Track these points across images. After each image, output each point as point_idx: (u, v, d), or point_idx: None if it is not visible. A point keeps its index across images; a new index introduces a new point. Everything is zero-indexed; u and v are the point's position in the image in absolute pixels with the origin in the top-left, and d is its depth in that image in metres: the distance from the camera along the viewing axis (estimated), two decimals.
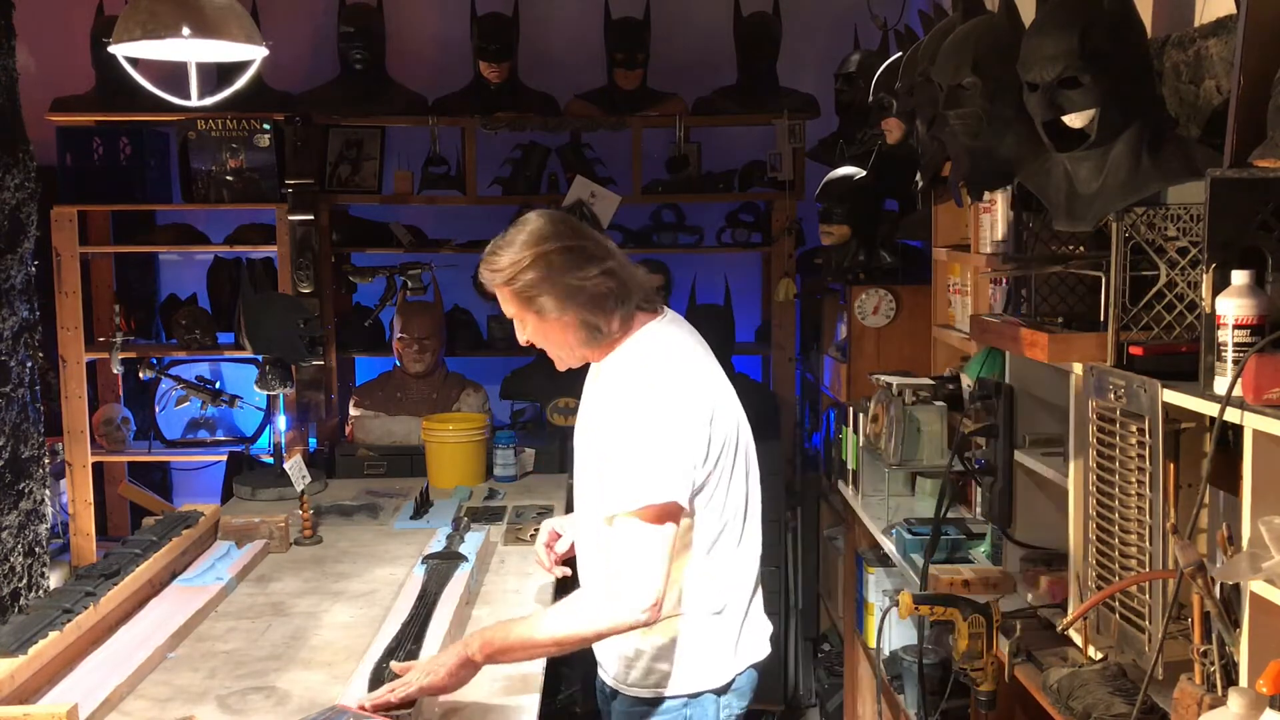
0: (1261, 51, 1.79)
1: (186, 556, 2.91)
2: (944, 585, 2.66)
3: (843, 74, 4.53)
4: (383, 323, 4.65)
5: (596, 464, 2.14)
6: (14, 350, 3.36)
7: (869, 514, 3.54)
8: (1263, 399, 1.62)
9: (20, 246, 3.41)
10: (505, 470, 3.96)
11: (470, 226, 4.77)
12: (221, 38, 2.83)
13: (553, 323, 2.11)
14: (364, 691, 2.09)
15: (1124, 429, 2.01)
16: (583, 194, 4.51)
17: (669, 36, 4.85)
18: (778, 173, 4.54)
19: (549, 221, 2.11)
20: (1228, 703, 1.51)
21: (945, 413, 3.24)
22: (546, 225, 2.10)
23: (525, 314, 2.11)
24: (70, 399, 4.42)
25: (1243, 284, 1.69)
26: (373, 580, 2.93)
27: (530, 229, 2.09)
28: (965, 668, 2.23)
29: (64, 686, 2.15)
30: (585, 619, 2.04)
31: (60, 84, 4.58)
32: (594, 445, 2.16)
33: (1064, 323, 2.33)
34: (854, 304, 3.94)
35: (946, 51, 2.43)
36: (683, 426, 2.03)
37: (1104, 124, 2.01)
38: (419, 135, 4.70)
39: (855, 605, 3.96)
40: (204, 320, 4.60)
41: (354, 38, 4.64)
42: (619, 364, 2.14)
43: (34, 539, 3.46)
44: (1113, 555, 2.07)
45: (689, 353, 2.18)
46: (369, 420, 4.37)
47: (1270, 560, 1.58)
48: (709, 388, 2.14)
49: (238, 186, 4.49)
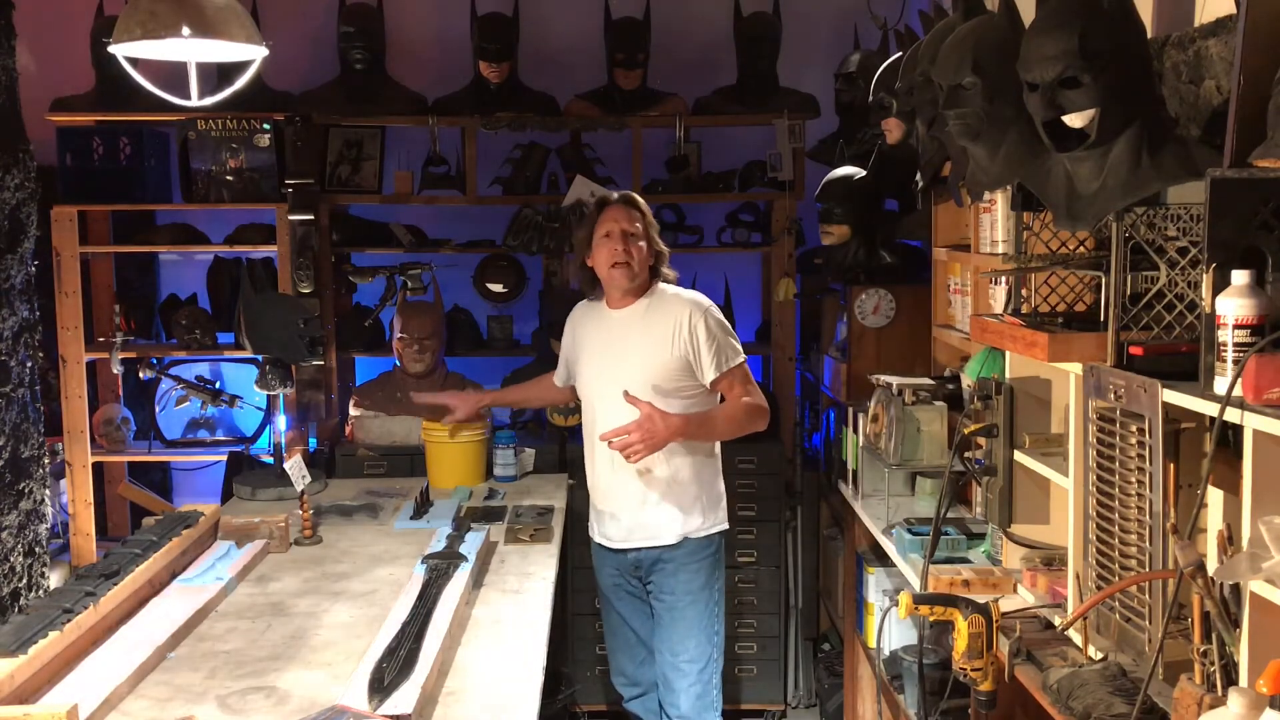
0: (1261, 51, 1.79)
1: (186, 556, 2.91)
2: (944, 585, 2.67)
3: (843, 74, 4.54)
4: (383, 323, 4.65)
5: (670, 348, 3.20)
6: (14, 350, 3.36)
7: (869, 514, 3.54)
8: (1263, 399, 1.62)
9: (20, 246, 3.41)
10: (505, 470, 3.96)
11: (470, 226, 4.77)
12: (221, 38, 2.84)
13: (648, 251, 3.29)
14: (364, 691, 2.09)
15: (1124, 429, 2.01)
16: (583, 194, 4.50)
17: (669, 36, 4.86)
18: (778, 173, 4.53)
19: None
20: (1228, 703, 1.51)
21: (945, 413, 3.25)
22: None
23: (646, 235, 3.27)
24: (70, 399, 4.42)
25: (1243, 284, 1.69)
26: (373, 580, 2.93)
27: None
28: (965, 668, 2.22)
29: (64, 686, 2.15)
30: (757, 415, 3.27)
31: (60, 84, 4.58)
32: (663, 338, 3.22)
33: (1064, 323, 2.33)
34: (854, 304, 3.95)
35: (946, 51, 2.43)
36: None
37: (1104, 124, 2.01)
38: (419, 135, 4.70)
39: (855, 605, 3.96)
40: (204, 320, 4.60)
41: (354, 38, 4.64)
42: (679, 295, 3.31)
43: (34, 539, 3.46)
44: (1113, 555, 2.07)
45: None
46: (369, 420, 4.37)
47: (1270, 560, 1.58)
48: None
49: (238, 186, 4.49)
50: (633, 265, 3.22)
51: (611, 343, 3.30)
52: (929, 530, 2.77)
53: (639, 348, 3.25)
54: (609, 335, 3.32)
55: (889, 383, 3.37)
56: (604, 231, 3.23)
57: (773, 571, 4.46)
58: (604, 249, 3.23)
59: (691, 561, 3.29)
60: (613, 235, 3.22)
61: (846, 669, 4.17)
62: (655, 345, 3.23)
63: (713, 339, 3.22)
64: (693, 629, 3.31)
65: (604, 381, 3.28)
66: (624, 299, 3.30)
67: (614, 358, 3.27)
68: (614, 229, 3.22)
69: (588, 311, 3.44)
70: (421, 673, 2.18)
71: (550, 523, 3.37)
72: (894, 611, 2.37)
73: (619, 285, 3.26)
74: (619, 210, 3.26)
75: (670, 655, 3.32)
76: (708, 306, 3.29)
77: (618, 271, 3.22)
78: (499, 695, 2.23)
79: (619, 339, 3.29)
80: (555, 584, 2.96)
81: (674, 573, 3.29)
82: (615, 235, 3.21)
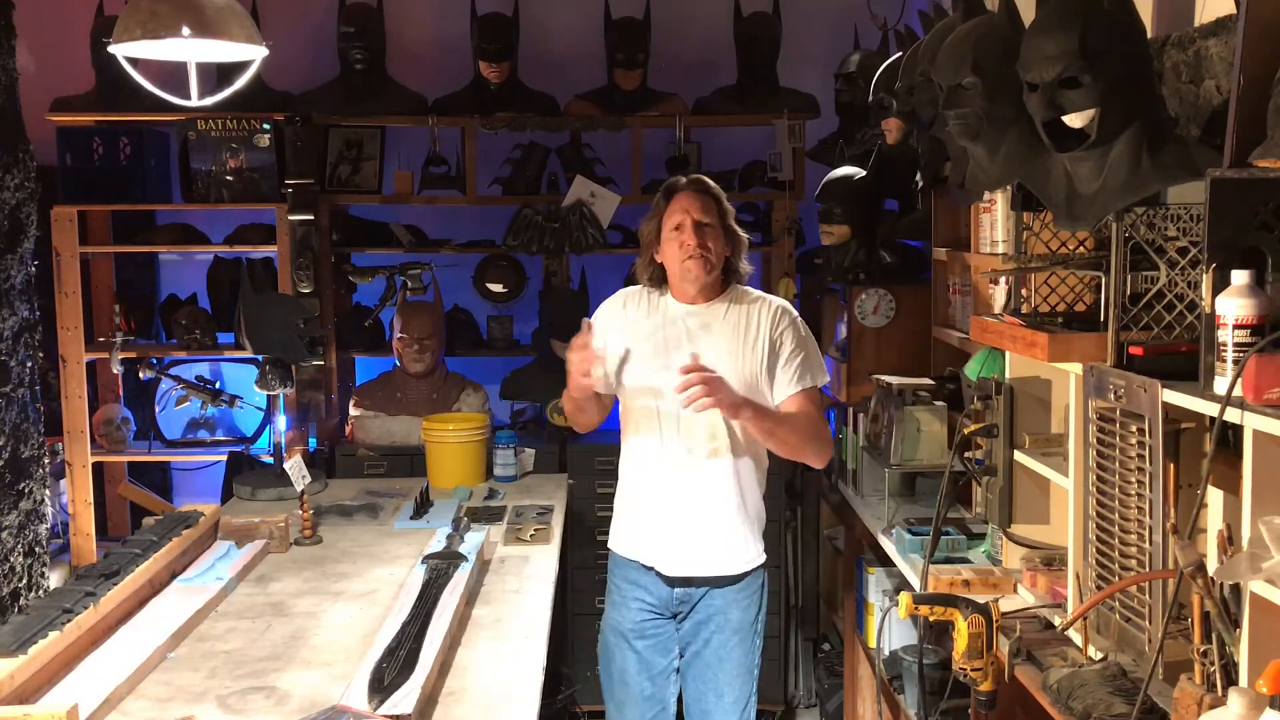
0: (1261, 51, 1.79)
1: (186, 556, 2.91)
2: (944, 585, 2.67)
3: (843, 74, 4.54)
4: (383, 323, 4.65)
5: (751, 352, 2.88)
6: (14, 350, 3.36)
7: (869, 514, 3.54)
8: (1263, 399, 1.62)
9: (20, 246, 3.41)
10: (505, 470, 3.96)
11: (470, 226, 4.77)
12: (221, 38, 2.83)
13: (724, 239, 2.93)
14: (364, 691, 2.09)
15: (1124, 429, 2.01)
16: (583, 194, 4.51)
17: (669, 36, 4.86)
18: (778, 173, 4.53)
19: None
20: (1228, 703, 1.51)
21: (945, 413, 3.24)
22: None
23: (721, 223, 2.92)
24: (70, 399, 4.42)
25: (1243, 284, 1.69)
26: (373, 580, 2.93)
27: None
28: (965, 668, 2.22)
29: (64, 686, 2.15)
30: (824, 443, 2.95)
31: (60, 84, 4.58)
32: (744, 340, 2.89)
33: (1064, 323, 2.33)
34: (854, 304, 3.94)
35: (946, 51, 2.43)
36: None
37: (1104, 124, 2.01)
38: (419, 135, 4.70)
39: (855, 605, 3.96)
40: (204, 320, 4.59)
41: (354, 38, 4.64)
42: (765, 296, 3.00)
43: (34, 539, 3.46)
44: (1113, 555, 2.07)
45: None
46: (369, 420, 4.37)
47: (1270, 560, 1.58)
48: None
49: (238, 186, 4.49)
50: (710, 257, 2.86)
51: (679, 339, 2.89)
52: (929, 530, 2.77)
53: (715, 348, 2.84)
54: (676, 331, 2.91)
55: (889, 383, 3.36)
56: (674, 223, 2.87)
57: (773, 571, 4.42)
58: (674, 241, 2.87)
59: (744, 596, 2.95)
60: (684, 227, 2.85)
61: (846, 669, 4.17)
62: (735, 347, 2.88)
63: (798, 349, 2.89)
64: (740, 669, 2.95)
65: (670, 377, 2.79)
66: (700, 295, 2.93)
67: (684, 357, 2.78)
68: (685, 220, 2.85)
69: (639, 301, 3.00)
70: (421, 673, 2.18)
71: (550, 523, 3.37)
72: (894, 611, 2.37)
73: (695, 280, 2.87)
74: (689, 197, 2.88)
75: (715, 697, 2.95)
76: (796, 315, 2.97)
77: (693, 264, 2.84)
78: (499, 695, 2.23)
79: (690, 336, 2.89)
80: (555, 584, 2.96)
81: (724, 609, 2.93)
82: (687, 227, 2.85)
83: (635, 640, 2.96)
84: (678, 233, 2.86)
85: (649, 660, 2.96)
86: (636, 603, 2.96)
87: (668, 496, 2.91)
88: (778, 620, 4.45)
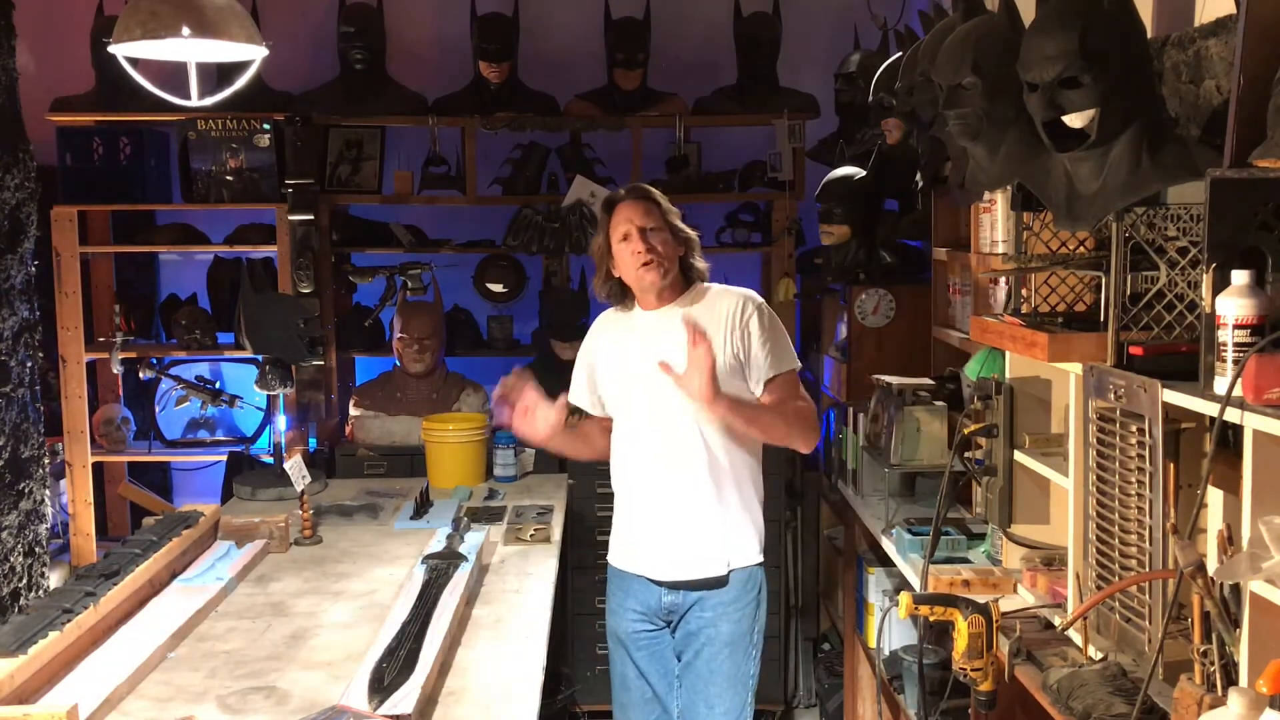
0: (1261, 51, 1.79)
1: (186, 556, 2.91)
2: (944, 585, 2.67)
3: (843, 74, 4.54)
4: (383, 323, 4.65)
5: (723, 346, 2.83)
6: (14, 350, 3.36)
7: (869, 514, 3.54)
8: (1263, 399, 1.62)
9: (20, 246, 3.41)
10: (505, 470, 3.96)
11: (470, 226, 4.77)
12: (221, 38, 2.84)
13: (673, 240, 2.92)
14: (364, 691, 2.09)
15: (1124, 429, 2.01)
16: (583, 194, 4.51)
17: (669, 36, 4.86)
18: (778, 173, 4.54)
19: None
20: (1228, 703, 1.51)
21: (945, 413, 3.24)
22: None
23: (667, 224, 2.91)
24: (70, 399, 4.42)
25: (1243, 284, 1.69)
26: (373, 580, 2.93)
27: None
28: (965, 668, 2.22)
29: (64, 686, 2.15)
30: (808, 427, 2.92)
31: (60, 84, 4.58)
32: (712, 335, 2.79)
33: (1064, 323, 2.33)
34: (854, 304, 3.94)
35: (946, 51, 2.43)
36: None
37: (1104, 124, 2.01)
38: (419, 135, 4.70)
39: (855, 605, 3.96)
40: (204, 320, 4.60)
41: (354, 38, 4.64)
42: (728, 288, 2.96)
43: (34, 539, 3.46)
44: (1113, 555, 2.07)
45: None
46: (369, 420, 4.37)
47: (1270, 560, 1.58)
48: None
49: (238, 186, 4.49)
50: (663, 261, 2.86)
51: (650, 346, 2.87)
52: (929, 530, 2.77)
53: (684, 349, 2.74)
54: (645, 339, 2.91)
55: (889, 383, 3.36)
56: (620, 234, 2.87)
57: (773, 571, 4.43)
58: (625, 252, 2.86)
59: (735, 608, 2.89)
60: (631, 236, 2.85)
61: (846, 669, 4.17)
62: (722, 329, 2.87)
63: (767, 336, 2.87)
64: (731, 680, 2.90)
65: (645, 387, 2.85)
66: (660, 299, 2.92)
67: (654, 362, 2.76)
68: (630, 229, 2.85)
69: (611, 323, 3.04)
70: (421, 673, 2.18)
71: (550, 523, 3.37)
72: (894, 611, 2.37)
73: (652, 285, 2.87)
74: (631, 206, 2.89)
75: (706, 708, 2.91)
76: (761, 301, 2.94)
77: (647, 271, 2.84)
78: (499, 695, 2.23)
79: (660, 341, 2.86)
80: (555, 584, 2.96)
81: (714, 621, 2.88)
82: (634, 235, 2.85)
83: (632, 650, 2.99)
84: (626, 243, 2.87)
85: (646, 668, 2.98)
86: (630, 613, 2.98)
87: (650, 501, 2.92)
88: (778, 620, 4.45)
